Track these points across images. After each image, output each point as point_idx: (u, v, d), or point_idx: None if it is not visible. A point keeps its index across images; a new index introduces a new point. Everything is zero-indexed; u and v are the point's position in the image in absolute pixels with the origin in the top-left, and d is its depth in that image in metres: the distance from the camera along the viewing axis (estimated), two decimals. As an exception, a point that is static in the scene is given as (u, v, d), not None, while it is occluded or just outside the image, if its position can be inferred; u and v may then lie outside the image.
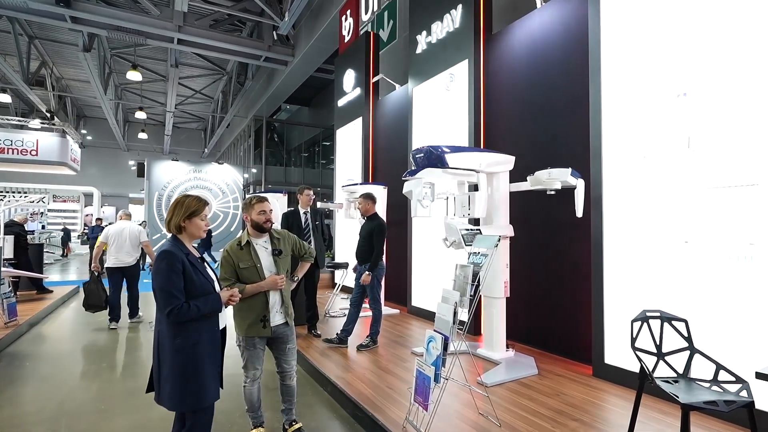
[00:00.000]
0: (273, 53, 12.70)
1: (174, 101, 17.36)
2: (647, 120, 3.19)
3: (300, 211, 4.81)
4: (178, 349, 1.85)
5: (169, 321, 1.84)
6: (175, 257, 1.86)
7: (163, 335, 1.88)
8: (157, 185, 16.12)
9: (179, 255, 1.88)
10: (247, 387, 2.60)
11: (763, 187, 2.55)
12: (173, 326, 1.85)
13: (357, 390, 3.26)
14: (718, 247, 2.75)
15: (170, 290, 1.82)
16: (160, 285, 1.84)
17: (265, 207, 2.59)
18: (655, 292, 3.09)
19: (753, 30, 2.63)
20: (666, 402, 2.89)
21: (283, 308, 2.62)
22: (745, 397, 2.08)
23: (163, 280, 1.83)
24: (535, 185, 3.46)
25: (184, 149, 26.15)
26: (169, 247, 1.90)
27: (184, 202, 1.99)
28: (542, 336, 4.25)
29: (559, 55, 4.16)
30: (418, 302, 5.91)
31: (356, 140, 7.77)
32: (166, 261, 1.85)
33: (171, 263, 1.85)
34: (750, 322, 2.59)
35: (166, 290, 1.82)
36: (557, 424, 2.68)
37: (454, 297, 2.64)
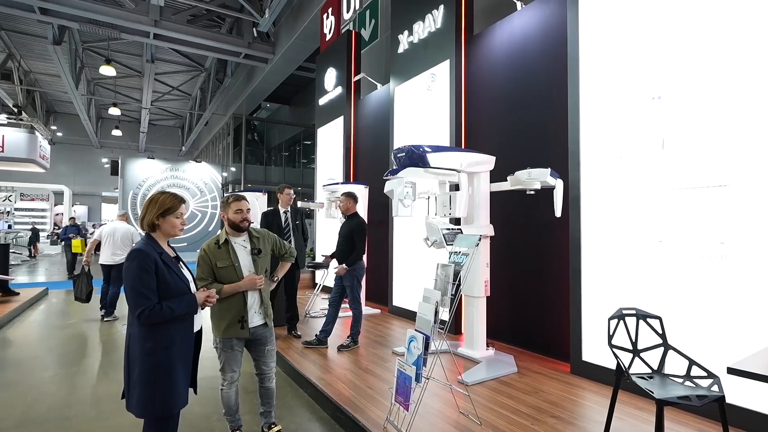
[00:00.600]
0: (253, 50, 12.51)
1: (150, 98, 16.94)
2: (623, 122, 3.25)
3: (280, 211, 4.74)
4: (148, 353, 1.78)
5: (140, 323, 1.77)
6: (147, 256, 1.80)
7: (133, 338, 1.81)
8: (131, 184, 15.69)
9: (152, 254, 1.82)
10: (225, 390, 2.53)
11: (732, 187, 2.64)
12: (144, 328, 1.78)
13: (337, 391, 3.22)
14: (691, 246, 2.83)
15: (141, 290, 1.75)
16: (130, 285, 1.77)
17: (241, 206, 2.54)
18: (631, 291, 3.16)
19: (722, 38, 2.71)
20: (641, 398, 2.96)
21: (262, 309, 2.57)
22: (716, 392, 2.14)
23: (133, 280, 1.76)
24: (515, 185, 3.49)
25: (160, 147, 25.52)
26: (142, 246, 1.83)
27: (158, 199, 1.92)
28: (522, 334, 4.30)
29: (538, 57, 4.21)
30: (399, 302, 5.91)
31: (337, 139, 7.72)
32: (138, 260, 1.78)
33: (142, 262, 1.78)
34: (721, 319, 2.67)
35: (137, 290, 1.75)
36: (536, 421, 2.71)
37: (435, 296, 2.63)
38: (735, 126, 2.64)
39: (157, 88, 17.66)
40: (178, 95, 19.44)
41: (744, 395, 2.53)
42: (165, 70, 16.31)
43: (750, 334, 2.54)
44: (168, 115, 23.40)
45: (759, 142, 2.54)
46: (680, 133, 2.90)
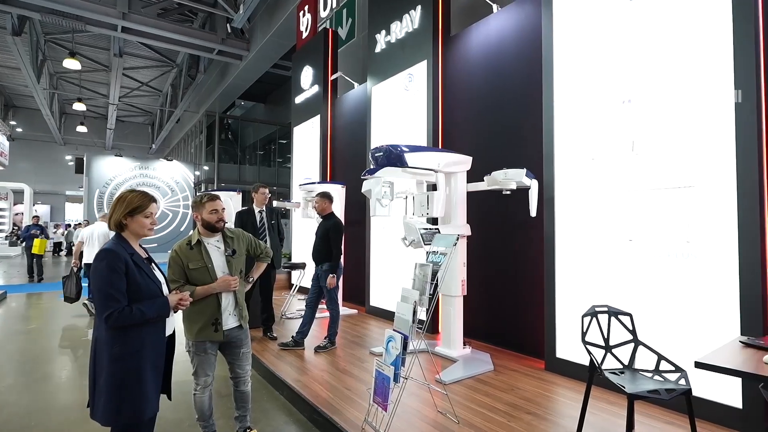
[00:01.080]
0: (227, 47, 12.26)
1: (118, 93, 16.35)
2: (595, 124, 3.34)
3: (255, 210, 4.65)
4: (116, 358, 1.70)
5: (108, 326, 1.69)
6: (117, 256, 1.72)
7: (100, 342, 1.73)
8: (98, 182, 15.09)
9: (122, 254, 1.74)
10: (198, 395, 2.45)
11: (698, 188, 2.74)
12: (112, 332, 1.70)
13: (314, 392, 3.18)
14: (659, 245, 2.93)
15: (109, 292, 1.67)
16: (98, 286, 1.69)
17: (216, 206, 2.46)
18: (603, 288, 3.25)
19: (687, 46, 2.82)
20: (612, 392, 3.04)
21: (237, 310, 2.50)
22: (683, 385, 2.22)
23: (101, 281, 1.68)
24: (491, 185, 3.54)
25: (128, 144, 24.66)
26: (111, 246, 1.75)
27: (126, 197, 1.84)
28: (497, 332, 4.36)
29: (514, 59, 4.28)
30: (376, 302, 5.89)
31: (314, 138, 7.65)
32: (106, 260, 1.70)
33: (111, 263, 1.70)
34: (687, 315, 2.78)
35: (105, 292, 1.67)
36: (512, 418, 2.74)
37: (414, 296, 2.63)
38: (700, 130, 2.75)
39: (126, 83, 17.07)
40: (147, 91, 18.84)
41: (708, 388, 2.63)
42: (134, 65, 15.77)
43: (714, 329, 2.64)
44: (137, 111, 22.64)
45: (722, 146, 2.65)
46: (649, 136, 3.00)
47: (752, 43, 2.55)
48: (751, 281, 2.51)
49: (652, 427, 2.59)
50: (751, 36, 2.56)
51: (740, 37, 2.59)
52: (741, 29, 2.59)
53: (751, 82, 2.54)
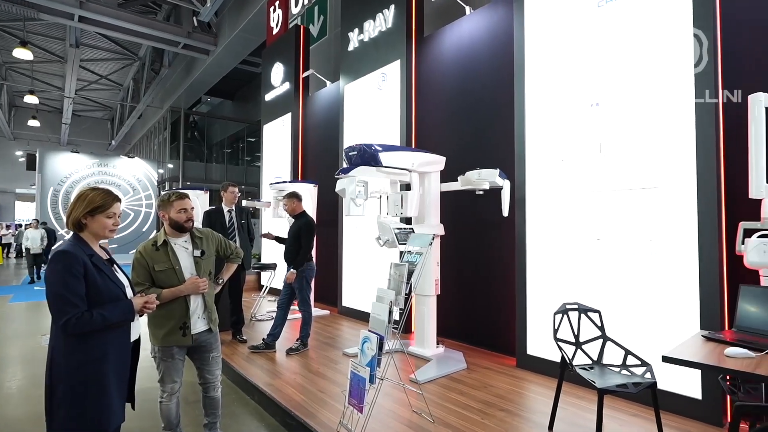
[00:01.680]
0: (193, 41, 11.86)
1: (74, 86, 15.50)
2: (565, 126, 3.43)
3: (224, 210, 4.51)
4: (76, 366, 1.59)
5: (66, 333, 1.57)
6: (74, 258, 1.60)
7: (57, 351, 1.61)
8: (52, 180, 14.25)
9: (79, 256, 1.62)
10: (164, 402, 2.35)
11: (661, 189, 2.86)
12: (71, 339, 1.59)
13: (287, 396, 3.11)
14: (625, 244, 3.04)
15: (67, 296, 1.56)
16: (54, 291, 1.57)
17: (185, 204, 2.36)
18: (572, 286, 3.33)
19: (652, 51, 2.94)
20: (581, 387, 3.12)
21: (206, 314, 2.40)
22: (649, 379, 2.31)
23: (57, 285, 1.57)
24: (465, 185, 3.57)
25: (86, 140, 23.45)
26: (67, 247, 1.63)
27: (87, 195, 1.72)
28: (470, 331, 4.41)
29: (486, 61, 4.34)
30: (348, 302, 5.84)
31: (285, 136, 7.51)
32: (63, 263, 1.58)
33: (68, 265, 1.59)
34: (651, 311, 2.89)
35: (62, 296, 1.55)
36: (486, 415, 2.77)
37: (390, 296, 2.61)
38: (663, 133, 2.87)
39: (83, 75, 16.20)
40: (107, 84, 17.97)
41: (671, 381, 2.75)
42: (92, 57, 15.00)
43: (676, 324, 2.76)
44: (95, 105, 21.56)
45: (683, 149, 2.77)
46: (616, 139, 3.11)
47: (712, 53, 2.68)
48: (709, 278, 2.64)
49: (620, 420, 2.68)
50: (711, 42, 2.68)
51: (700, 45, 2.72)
52: (702, 38, 2.72)
53: (712, 89, 2.67)
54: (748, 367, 1.64)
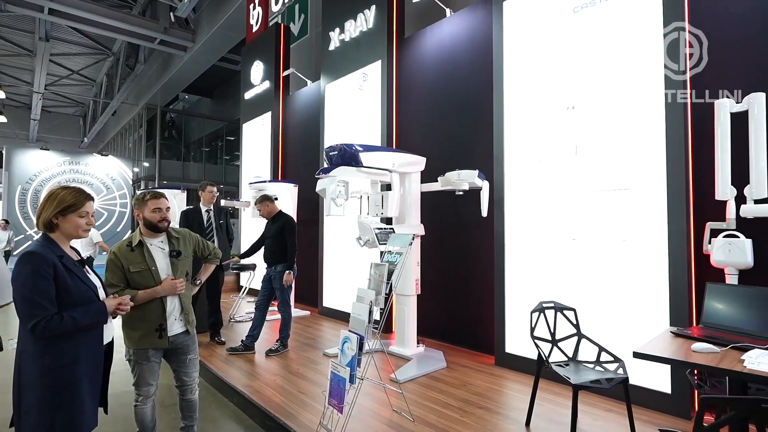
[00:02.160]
0: (170, 37, 11.60)
1: (44, 81, 14.97)
2: (542, 128, 3.50)
3: (202, 209, 4.43)
4: (46, 371, 1.54)
5: (35, 336, 1.52)
6: (43, 260, 1.55)
7: (26, 355, 1.55)
8: (20, 178, 13.71)
9: (49, 257, 1.57)
10: (139, 406, 2.29)
11: (633, 191, 2.95)
12: (41, 343, 1.54)
13: (266, 398, 3.08)
14: (599, 244, 3.12)
15: (35, 299, 1.51)
16: (22, 294, 1.51)
17: (160, 204, 2.30)
18: (549, 285, 3.41)
19: (625, 57, 3.03)
20: (558, 384, 3.20)
21: (183, 315, 2.36)
22: (621, 374, 2.38)
23: (25, 288, 1.51)
24: (445, 186, 3.60)
25: (56, 137, 22.63)
26: (36, 248, 1.58)
27: (58, 194, 1.67)
28: (450, 330, 4.45)
29: (466, 62, 4.39)
30: (329, 303, 5.82)
31: (265, 135, 7.43)
32: (31, 264, 1.53)
33: (37, 267, 1.53)
34: (624, 308, 2.98)
35: (30, 299, 1.50)
36: (465, 413, 2.81)
37: (370, 296, 2.62)
38: (636, 137, 2.96)
39: (54, 70, 15.66)
40: (79, 80, 17.40)
41: (643, 376, 2.84)
42: (63, 51, 14.49)
43: (647, 320, 2.86)
44: (67, 101, 20.84)
45: (654, 152, 2.87)
46: (591, 141, 3.19)
47: (681, 60, 2.78)
48: (678, 276, 2.74)
49: (594, 415, 2.75)
50: (678, 50, 2.79)
51: (671, 53, 2.82)
52: (672, 45, 2.82)
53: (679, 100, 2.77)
54: (713, 361, 1.71)
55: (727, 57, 2.77)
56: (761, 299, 2.07)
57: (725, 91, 2.71)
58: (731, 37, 2.76)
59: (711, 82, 2.77)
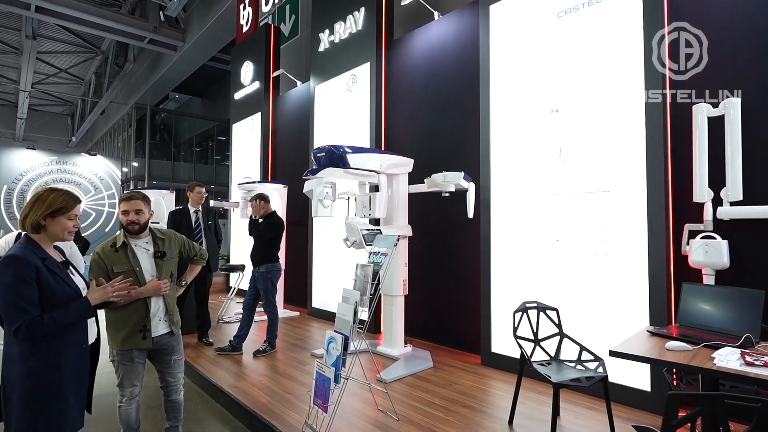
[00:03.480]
0: (159, 36, 11.52)
1: (30, 79, 14.76)
2: (527, 131, 3.55)
3: (190, 210, 4.42)
4: (30, 373, 1.54)
5: (18, 339, 1.53)
6: (25, 263, 1.55)
7: (10, 358, 1.55)
8: (6, 177, 13.49)
9: (31, 260, 1.56)
10: (123, 407, 2.29)
11: (615, 193, 3.01)
12: (25, 345, 1.54)
13: (252, 398, 3.09)
14: (582, 245, 3.18)
15: (18, 303, 1.50)
16: (4, 297, 1.51)
17: (129, 206, 2.26)
18: (533, 285, 3.46)
19: (607, 61, 3.09)
20: (540, 383, 3.24)
21: (168, 316, 2.36)
22: (601, 373, 2.43)
23: (7, 291, 1.51)
24: (431, 187, 3.64)
25: (43, 136, 22.32)
26: (18, 251, 1.57)
27: (47, 196, 1.66)
28: (437, 330, 4.49)
29: (454, 65, 4.43)
30: (318, 303, 5.83)
31: (255, 136, 7.41)
32: (13, 267, 1.52)
33: (19, 270, 1.53)
34: (606, 308, 3.03)
35: (12, 303, 1.50)
36: (449, 412, 2.84)
37: (355, 296, 2.64)
38: (617, 140, 3.02)
39: (41, 68, 15.45)
40: (67, 78, 17.19)
41: (622, 374, 2.89)
42: (51, 49, 14.31)
43: (628, 320, 2.91)
44: (54, 100, 20.56)
45: (634, 155, 2.93)
46: (574, 144, 3.25)
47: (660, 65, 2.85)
48: (657, 276, 2.80)
49: (575, 413, 2.80)
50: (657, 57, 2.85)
51: (649, 58, 2.88)
52: (650, 51, 2.88)
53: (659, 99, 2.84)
54: (684, 359, 1.76)
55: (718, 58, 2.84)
56: (734, 299, 2.13)
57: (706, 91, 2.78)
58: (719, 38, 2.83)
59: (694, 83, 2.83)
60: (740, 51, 2.72)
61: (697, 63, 2.87)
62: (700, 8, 2.87)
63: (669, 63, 2.88)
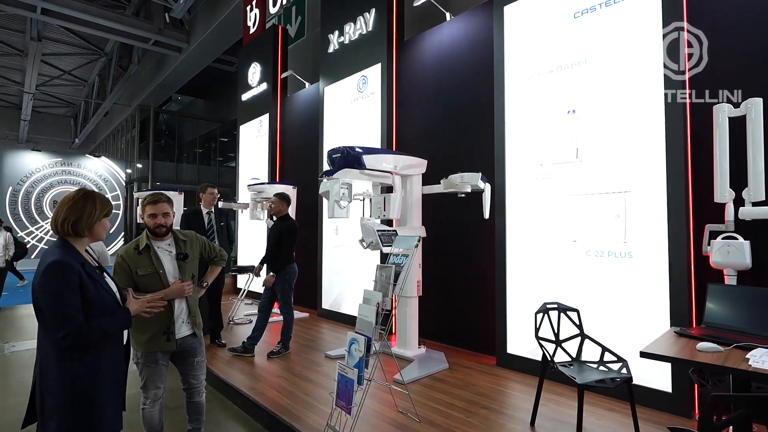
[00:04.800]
0: (164, 37, 11.54)
1: (35, 81, 14.77)
2: (543, 132, 3.55)
3: (203, 211, 4.42)
4: (72, 378, 1.51)
5: (65, 346, 1.51)
6: (71, 269, 1.52)
7: (48, 362, 1.53)
8: (11, 179, 13.52)
9: (75, 266, 1.54)
10: (147, 409, 2.29)
11: (634, 193, 3.01)
12: (66, 351, 1.52)
13: (271, 400, 3.08)
14: (600, 245, 3.17)
15: (65, 310, 1.48)
16: (50, 304, 1.48)
17: (156, 209, 2.26)
18: (550, 287, 3.45)
19: (625, 62, 3.09)
20: (559, 384, 3.23)
21: (190, 318, 2.37)
22: (625, 374, 2.42)
23: (54, 298, 1.48)
24: (448, 188, 3.63)
25: (46, 138, 22.33)
26: (61, 257, 1.52)
27: (96, 198, 1.65)
28: (450, 331, 4.48)
29: (466, 65, 4.43)
30: (328, 305, 5.82)
31: (262, 137, 7.41)
32: (59, 274, 1.50)
33: (65, 277, 1.50)
34: (625, 309, 3.02)
35: (60, 311, 1.48)
36: (470, 413, 2.83)
37: (377, 298, 2.64)
38: (636, 140, 3.02)
39: (45, 70, 15.47)
40: (70, 80, 17.21)
41: (643, 375, 2.88)
42: (54, 51, 14.33)
43: (647, 321, 2.90)
44: (57, 102, 20.58)
45: (654, 155, 2.92)
46: (591, 144, 3.24)
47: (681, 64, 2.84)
48: (678, 277, 2.79)
49: (597, 414, 2.79)
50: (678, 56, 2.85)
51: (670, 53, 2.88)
52: (672, 45, 2.88)
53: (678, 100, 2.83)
54: (718, 360, 1.75)
55: (727, 57, 2.83)
56: (760, 299, 2.12)
57: (725, 92, 2.77)
58: (732, 37, 2.82)
59: (711, 82, 2.83)
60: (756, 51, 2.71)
61: (697, 63, 2.88)
62: (718, 8, 2.86)
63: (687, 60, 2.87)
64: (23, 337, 5.09)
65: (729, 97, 2.76)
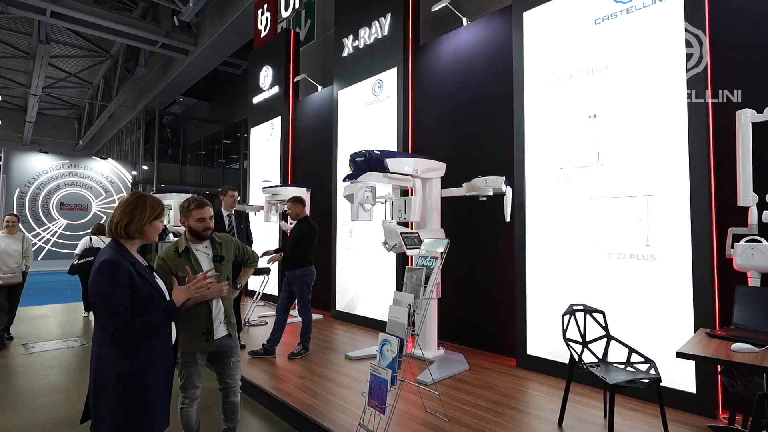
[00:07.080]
0: (172, 40, 11.60)
1: (41, 83, 14.83)
2: (564, 136, 3.60)
3: (223, 214, 4.47)
4: (125, 374, 1.58)
5: (114, 342, 1.57)
6: (121, 268, 1.58)
7: (103, 359, 1.59)
8: (18, 180, 13.56)
9: (125, 265, 1.61)
10: (185, 408, 2.33)
11: (657, 196, 3.06)
12: (119, 347, 1.58)
13: (298, 400, 3.12)
14: (622, 248, 3.22)
15: (114, 308, 1.55)
16: (101, 302, 1.55)
17: (204, 213, 2.33)
18: (571, 289, 3.49)
19: (646, 66, 3.14)
20: (583, 384, 3.26)
21: (226, 319, 2.42)
22: (654, 374, 2.47)
23: (104, 296, 1.55)
24: (470, 191, 3.68)
25: (50, 139, 22.40)
26: (112, 256, 1.60)
27: (146, 202, 1.71)
28: (469, 333, 4.52)
29: (483, 70, 4.48)
30: (342, 306, 5.86)
31: (274, 140, 7.46)
32: (110, 273, 1.56)
33: (115, 275, 1.57)
34: (648, 311, 3.07)
35: (109, 308, 1.55)
36: (497, 414, 2.88)
37: (408, 299, 2.68)
38: (658, 144, 3.07)
39: (50, 72, 15.53)
40: (75, 82, 17.28)
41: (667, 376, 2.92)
42: (60, 54, 14.40)
43: (671, 323, 2.95)
44: (61, 103, 20.66)
45: (676, 158, 2.98)
46: (613, 149, 3.29)
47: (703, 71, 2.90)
48: (702, 279, 2.84)
49: (622, 414, 2.83)
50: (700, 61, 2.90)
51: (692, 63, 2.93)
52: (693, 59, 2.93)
53: (701, 105, 2.89)
54: (756, 360, 1.80)
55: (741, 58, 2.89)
56: (789, 301, 2.17)
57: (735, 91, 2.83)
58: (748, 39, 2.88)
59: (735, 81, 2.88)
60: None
61: (696, 63, 2.94)
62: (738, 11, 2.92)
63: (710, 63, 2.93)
64: (41, 338, 5.13)
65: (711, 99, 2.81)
